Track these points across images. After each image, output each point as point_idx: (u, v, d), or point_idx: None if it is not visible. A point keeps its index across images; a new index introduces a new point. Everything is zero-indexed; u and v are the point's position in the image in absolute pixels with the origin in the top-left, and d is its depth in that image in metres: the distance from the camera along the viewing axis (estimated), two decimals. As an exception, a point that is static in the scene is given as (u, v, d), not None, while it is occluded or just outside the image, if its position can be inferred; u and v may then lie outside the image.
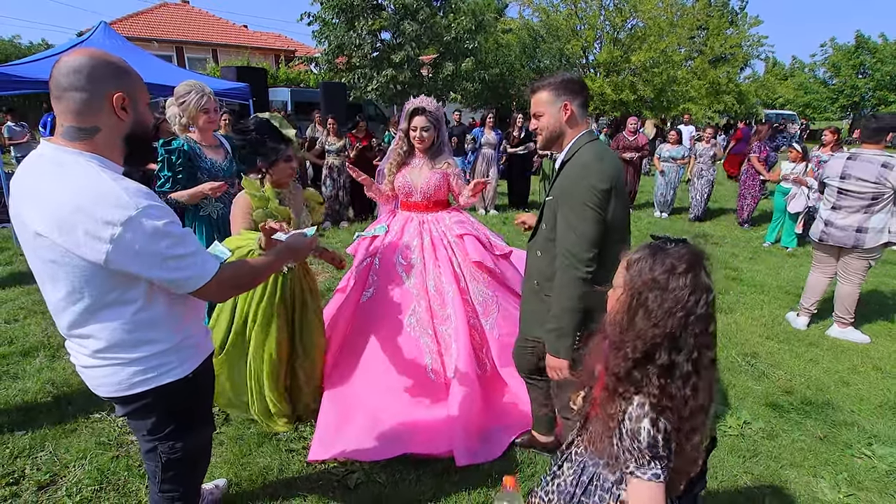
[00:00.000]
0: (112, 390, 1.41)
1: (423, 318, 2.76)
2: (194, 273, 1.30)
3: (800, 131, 19.76)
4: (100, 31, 7.18)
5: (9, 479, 2.36)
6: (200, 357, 1.54)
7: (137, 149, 1.36)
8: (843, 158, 3.84)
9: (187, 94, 2.82)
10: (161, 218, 1.23)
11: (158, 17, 22.23)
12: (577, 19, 19.08)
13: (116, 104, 1.24)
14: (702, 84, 18.67)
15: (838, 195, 3.83)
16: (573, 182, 1.75)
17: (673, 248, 1.08)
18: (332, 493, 2.30)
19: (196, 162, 2.89)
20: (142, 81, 1.34)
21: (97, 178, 1.21)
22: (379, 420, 2.61)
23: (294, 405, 2.73)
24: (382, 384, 2.70)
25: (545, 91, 1.84)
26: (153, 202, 1.24)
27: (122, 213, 1.17)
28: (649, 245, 1.12)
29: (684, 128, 13.05)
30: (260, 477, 2.36)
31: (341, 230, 7.21)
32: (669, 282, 1.04)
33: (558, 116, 1.84)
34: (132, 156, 1.36)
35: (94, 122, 1.24)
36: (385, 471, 2.43)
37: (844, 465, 2.58)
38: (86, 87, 1.20)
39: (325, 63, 14.90)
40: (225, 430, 2.73)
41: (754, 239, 7.21)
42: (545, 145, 1.92)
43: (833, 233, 3.86)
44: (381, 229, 2.97)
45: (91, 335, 1.34)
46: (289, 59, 23.14)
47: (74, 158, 1.23)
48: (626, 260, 1.14)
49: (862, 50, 28.22)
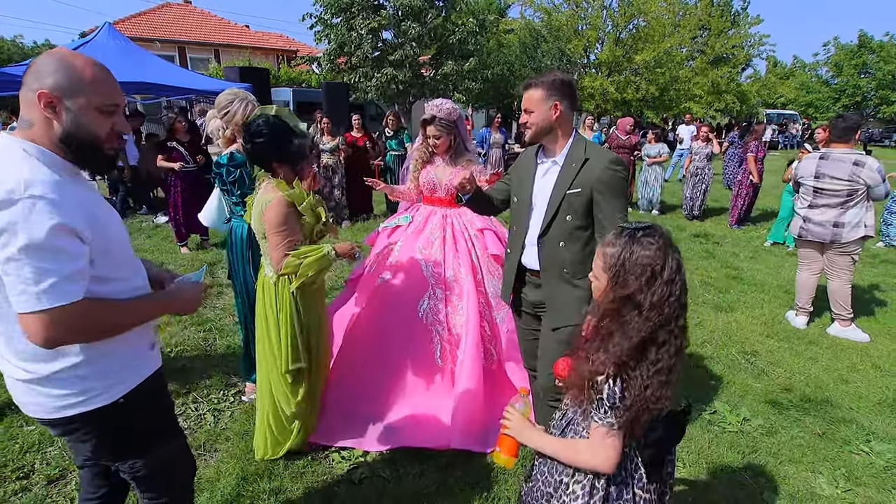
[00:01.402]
0: (37, 410, 1.30)
1: (436, 307, 2.79)
2: (27, 293, 1.10)
3: (802, 131, 19.79)
4: (104, 32, 7.22)
5: (19, 473, 2.40)
6: (134, 380, 1.37)
7: (80, 155, 1.25)
8: (816, 158, 3.96)
9: (230, 103, 2.64)
10: (46, 218, 1.10)
11: (161, 18, 22.28)
12: (580, 19, 19.09)
13: (42, 103, 1.16)
14: (704, 81, 18.67)
15: (814, 194, 3.97)
16: (609, 174, 1.96)
17: (643, 232, 1.20)
18: (338, 487, 2.34)
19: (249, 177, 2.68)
20: (98, 86, 1.22)
21: (12, 157, 1.15)
22: (384, 407, 2.67)
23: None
24: (390, 369, 2.75)
25: (538, 89, 1.97)
26: (54, 196, 1.12)
27: (3, 193, 1.08)
28: (621, 234, 1.23)
29: (685, 127, 13.08)
30: (266, 471, 2.39)
31: (341, 229, 7.24)
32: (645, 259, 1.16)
33: (548, 114, 1.98)
34: (78, 161, 1.26)
35: (29, 116, 1.21)
36: (389, 465, 2.47)
37: (843, 462, 2.61)
38: (28, 82, 1.18)
39: (326, 63, 14.93)
40: (231, 425, 2.77)
41: (754, 238, 7.23)
42: (534, 139, 2.07)
43: (812, 228, 4.00)
44: (405, 219, 3.06)
45: (4, 336, 1.25)
46: (290, 59, 23.20)
47: (8, 142, 1.19)
48: (602, 251, 1.26)
49: (865, 49, 28.20)
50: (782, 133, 23.39)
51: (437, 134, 2.83)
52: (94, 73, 1.21)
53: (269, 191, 2.13)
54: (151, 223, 7.36)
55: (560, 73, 2.00)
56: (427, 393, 2.73)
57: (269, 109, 2.16)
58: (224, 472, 2.38)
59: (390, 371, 2.76)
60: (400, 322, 2.78)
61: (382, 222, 3.12)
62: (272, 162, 2.15)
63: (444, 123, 2.81)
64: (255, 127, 2.09)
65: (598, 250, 1.29)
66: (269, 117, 2.10)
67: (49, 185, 1.12)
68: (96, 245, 1.20)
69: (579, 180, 1.97)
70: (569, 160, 2.00)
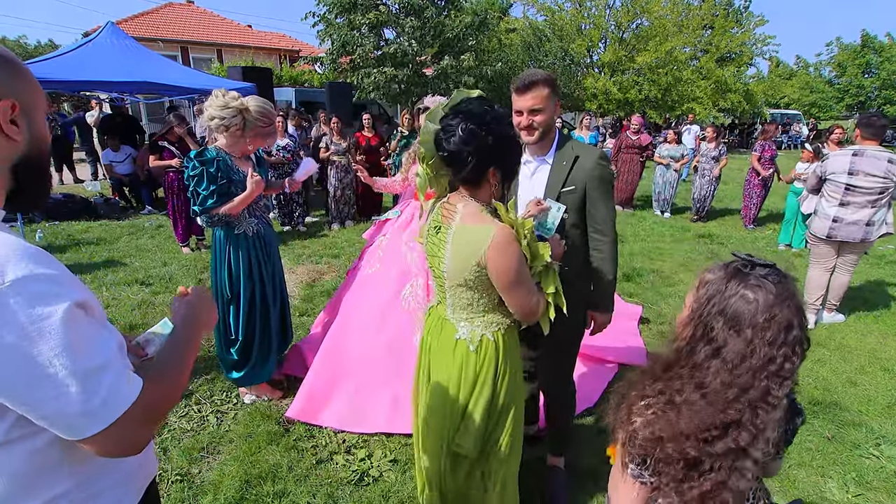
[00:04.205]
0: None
1: (419, 295, 2.90)
2: (96, 403, 0.76)
3: (808, 130, 19.69)
4: (107, 31, 7.22)
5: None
6: (134, 494, 1.04)
7: (30, 181, 0.89)
8: (848, 155, 3.90)
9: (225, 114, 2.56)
10: (50, 300, 0.74)
11: (163, 17, 22.28)
12: (583, 18, 19.04)
13: (3, 116, 0.81)
14: (707, 84, 18.59)
15: (845, 191, 3.89)
16: (601, 169, 1.95)
17: (755, 272, 0.95)
18: (342, 489, 2.31)
19: (229, 174, 2.61)
20: (37, 84, 0.89)
21: None
22: (364, 390, 2.80)
23: None
24: (372, 352, 2.86)
25: (545, 87, 1.85)
26: (42, 270, 0.75)
27: None
28: (727, 265, 0.99)
29: (690, 127, 13.01)
30: (270, 474, 2.37)
31: (347, 229, 7.22)
32: (745, 318, 0.92)
33: (554, 113, 1.93)
34: (22, 192, 0.89)
35: None
36: (393, 468, 2.45)
37: (853, 466, 2.58)
38: None
39: (329, 62, 14.92)
40: (234, 427, 2.75)
41: (760, 239, 7.18)
42: (539, 140, 1.94)
43: (843, 228, 3.95)
44: (394, 214, 3.26)
45: None
46: (293, 59, 23.19)
47: None
48: (700, 278, 1.02)
49: (868, 49, 28.08)
50: (785, 133, 23.31)
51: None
52: (27, 67, 0.89)
53: (477, 217, 1.47)
54: (154, 223, 7.34)
55: (546, 72, 1.95)
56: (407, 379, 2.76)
57: (472, 93, 1.55)
58: (227, 475, 2.36)
59: (374, 357, 2.86)
60: (383, 310, 2.92)
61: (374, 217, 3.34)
62: (490, 167, 1.47)
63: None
64: (473, 112, 1.44)
65: (699, 274, 1.06)
66: (489, 101, 1.49)
67: (27, 253, 0.76)
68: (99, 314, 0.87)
69: (572, 177, 1.95)
70: (559, 158, 1.98)
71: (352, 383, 2.84)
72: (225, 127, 2.58)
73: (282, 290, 3.05)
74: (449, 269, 1.51)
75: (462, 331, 1.58)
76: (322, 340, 3.31)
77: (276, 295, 2.96)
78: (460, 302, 1.57)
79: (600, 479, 2.30)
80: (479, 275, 1.46)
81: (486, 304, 1.55)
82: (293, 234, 6.97)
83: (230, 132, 2.60)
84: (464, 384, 1.59)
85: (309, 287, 4.84)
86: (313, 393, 2.83)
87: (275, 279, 2.94)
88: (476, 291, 1.52)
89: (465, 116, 1.43)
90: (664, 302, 4.67)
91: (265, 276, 2.84)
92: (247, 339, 2.85)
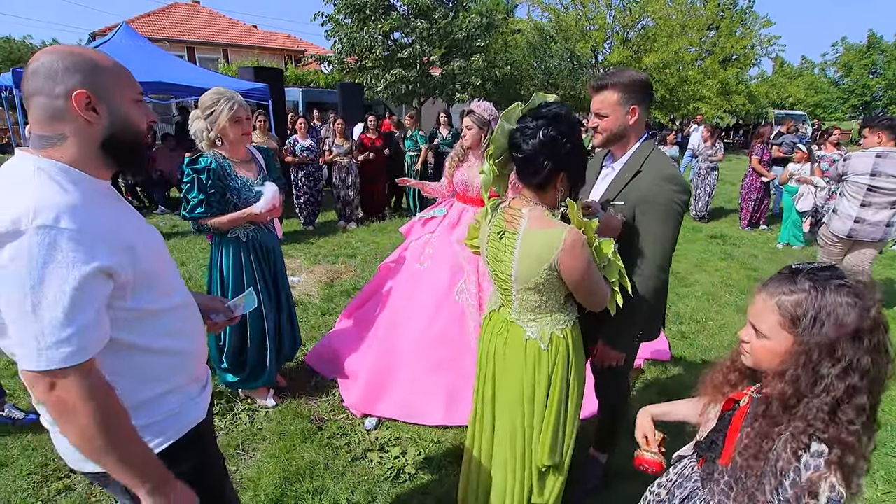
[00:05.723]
0: (67, 458, 1.14)
1: (470, 290, 3.01)
2: (28, 346, 0.90)
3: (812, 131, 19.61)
4: (121, 32, 7.27)
5: (59, 473, 2.42)
6: (176, 431, 1.18)
7: (123, 156, 1.09)
8: (872, 156, 3.99)
9: (215, 103, 2.48)
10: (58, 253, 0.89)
11: (170, 18, 22.36)
12: (586, 20, 19.05)
13: (79, 104, 0.98)
14: (713, 84, 18.60)
15: (867, 192, 3.98)
16: (657, 190, 1.74)
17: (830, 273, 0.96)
18: (379, 486, 2.35)
19: (225, 181, 2.56)
20: (123, 74, 1.08)
21: (21, 178, 0.96)
22: (419, 382, 2.88)
23: None
24: (425, 344, 2.95)
25: (615, 92, 1.75)
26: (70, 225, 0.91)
27: (6, 224, 0.88)
28: (795, 272, 1.00)
29: (698, 127, 13.00)
30: (307, 471, 2.40)
31: (359, 229, 7.26)
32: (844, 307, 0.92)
33: (624, 120, 1.78)
34: (120, 165, 1.11)
35: (57, 129, 1.00)
36: (429, 465, 2.48)
37: (880, 464, 2.60)
38: (43, 90, 0.98)
39: (336, 62, 14.96)
40: (267, 425, 2.78)
41: (771, 240, 7.21)
42: (604, 144, 1.89)
43: (864, 228, 4.04)
44: (440, 212, 3.34)
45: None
46: (298, 59, 23.24)
47: (20, 160, 1.00)
48: (774, 301, 1.00)
49: (874, 49, 28.02)
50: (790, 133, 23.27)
51: (469, 125, 3.04)
52: (114, 63, 1.07)
53: (544, 221, 1.49)
54: (168, 222, 7.39)
55: (636, 72, 1.78)
56: (460, 372, 2.91)
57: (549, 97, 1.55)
58: (265, 472, 2.39)
59: (428, 349, 2.94)
60: (437, 305, 3.00)
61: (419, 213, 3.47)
62: (561, 173, 1.48)
63: (478, 118, 3.01)
64: (554, 117, 1.44)
65: (762, 302, 1.03)
66: (566, 106, 1.50)
67: (66, 211, 0.92)
68: (134, 276, 1.03)
69: (626, 192, 1.79)
70: (626, 168, 1.83)
71: (406, 375, 2.92)
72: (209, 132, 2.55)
73: (285, 297, 2.99)
74: (517, 273, 1.51)
75: (531, 331, 1.60)
76: (350, 334, 3.38)
77: (274, 301, 2.90)
78: (528, 304, 1.58)
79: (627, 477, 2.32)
80: (550, 278, 1.48)
81: (554, 303, 1.58)
82: (305, 233, 7.00)
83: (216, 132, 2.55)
84: (538, 386, 1.61)
85: (328, 287, 4.87)
86: (370, 384, 2.93)
87: (274, 285, 2.89)
88: (545, 293, 1.54)
89: (546, 121, 1.43)
90: (681, 302, 4.70)
91: (259, 281, 2.77)
92: (238, 345, 2.86)
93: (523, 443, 1.67)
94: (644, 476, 1.37)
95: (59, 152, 1.00)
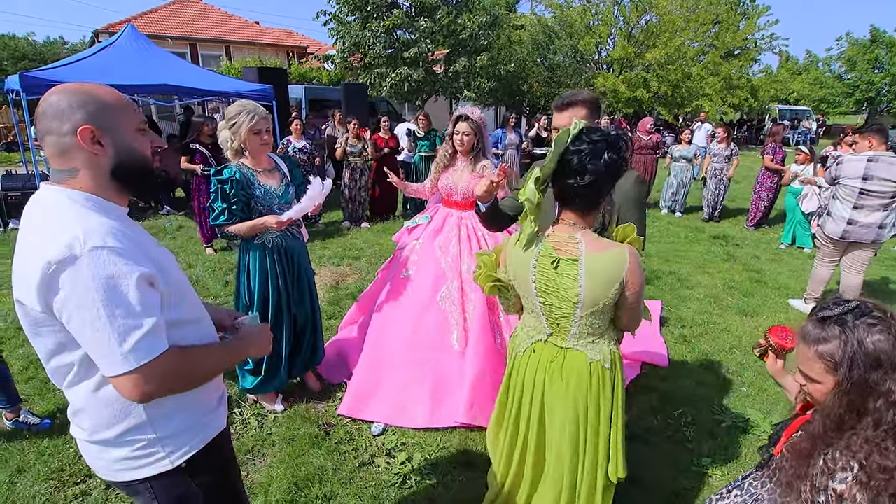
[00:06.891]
0: (99, 470, 1.24)
1: (454, 296, 3.09)
2: (112, 355, 1.02)
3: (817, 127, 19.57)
4: (127, 34, 7.30)
5: (75, 478, 2.48)
6: (199, 440, 1.27)
7: (135, 182, 1.19)
8: (864, 160, 4.08)
9: (238, 115, 2.63)
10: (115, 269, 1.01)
11: (172, 14, 22.33)
12: (591, 15, 18.95)
13: (84, 139, 1.07)
14: (716, 80, 18.50)
15: (860, 195, 4.08)
16: (631, 188, 2.02)
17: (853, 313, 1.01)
18: (386, 492, 2.41)
19: (249, 190, 2.69)
20: (125, 106, 1.15)
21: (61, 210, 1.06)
22: (405, 386, 2.99)
23: None
24: (410, 349, 3.05)
25: (584, 108, 2.00)
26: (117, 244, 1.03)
27: (63, 251, 0.98)
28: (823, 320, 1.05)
29: (701, 125, 12.99)
30: (316, 477, 2.46)
31: (362, 230, 7.31)
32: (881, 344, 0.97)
33: None
34: (133, 190, 1.22)
35: (70, 164, 1.10)
36: (434, 471, 2.54)
37: None
38: (52, 129, 1.07)
39: (339, 60, 14.96)
40: (276, 430, 2.84)
41: (774, 241, 7.22)
42: None
43: (857, 230, 4.15)
44: (425, 219, 3.39)
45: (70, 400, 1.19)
46: (300, 56, 23.22)
47: (51, 193, 1.10)
48: (812, 349, 1.06)
49: (878, 44, 27.83)
50: (795, 129, 23.20)
51: (468, 131, 3.05)
52: (116, 96, 1.15)
53: (601, 243, 1.53)
54: (174, 223, 7.45)
55: (588, 92, 2.04)
56: (444, 374, 3.01)
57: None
58: (275, 477, 2.45)
59: (412, 354, 3.04)
60: (421, 310, 3.09)
61: (405, 222, 3.50)
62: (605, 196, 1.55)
63: (474, 124, 3.05)
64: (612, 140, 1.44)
65: (804, 352, 1.09)
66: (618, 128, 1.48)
67: (108, 232, 1.04)
68: (167, 288, 1.14)
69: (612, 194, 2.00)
70: None
71: (393, 379, 3.02)
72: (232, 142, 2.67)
73: (311, 304, 3.07)
74: (585, 299, 1.53)
75: (592, 353, 1.64)
76: (355, 341, 3.45)
77: (292, 308, 2.97)
78: (589, 328, 1.61)
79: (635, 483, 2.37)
80: (614, 298, 1.53)
81: (607, 323, 1.66)
82: (308, 234, 7.06)
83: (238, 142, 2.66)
84: (604, 403, 1.67)
85: (333, 290, 4.93)
86: (359, 389, 3.03)
87: (298, 292, 2.98)
88: (603, 315, 1.59)
89: (605, 145, 1.42)
90: (683, 305, 4.74)
91: (282, 288, 2.87)
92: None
93: (583, 459, 1.72)
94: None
95: (77, 184, 1.10)
